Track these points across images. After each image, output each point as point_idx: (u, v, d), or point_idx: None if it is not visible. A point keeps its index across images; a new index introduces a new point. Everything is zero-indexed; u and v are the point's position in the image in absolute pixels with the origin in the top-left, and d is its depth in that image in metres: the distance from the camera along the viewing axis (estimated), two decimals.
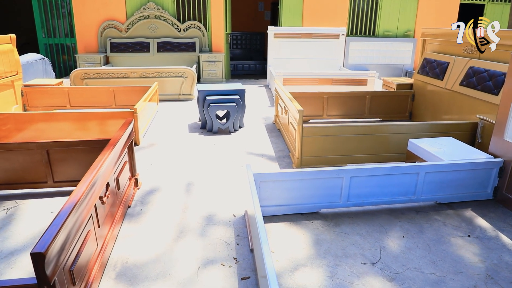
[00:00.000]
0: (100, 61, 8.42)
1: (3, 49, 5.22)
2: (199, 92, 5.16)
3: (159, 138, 4.91)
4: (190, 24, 8.92)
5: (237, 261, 2.50)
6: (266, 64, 9.36)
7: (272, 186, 2.91)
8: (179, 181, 3.69)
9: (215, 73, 8.87)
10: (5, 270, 2.40)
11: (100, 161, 2.42)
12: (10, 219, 2.97)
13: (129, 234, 2.80)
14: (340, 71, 8.02)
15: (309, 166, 3.97)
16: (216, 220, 3.00)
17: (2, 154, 3.26)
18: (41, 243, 1.62)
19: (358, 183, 3.06)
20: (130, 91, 5.88)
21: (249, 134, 5.16)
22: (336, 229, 2.90)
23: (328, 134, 3.98)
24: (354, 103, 5.70)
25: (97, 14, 8.75)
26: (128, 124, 3.22)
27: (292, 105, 4.09)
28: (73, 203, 1.92)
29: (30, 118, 4.51)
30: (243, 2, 12.53)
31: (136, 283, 2.30)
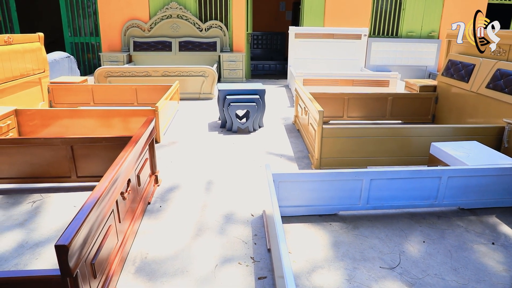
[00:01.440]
0: (123, 60, 8.59)
1: (31, 48, 5.39)
2: (220, 91, 5.19)
3: (179, 136, 4.97)
4: (212, 24, 8.99)
5: (254, 261, 2.51)
6: (287, 64, 9.34)
7: (291, 186, 2.90)
8: (198, 179, 3.72)
9: (235, 73, 8.91)
10: (30, 260, 2.48)
11: (122, 158, 2.47)
12: (35, 212, 3.07)
13: (148, 230, 2.85)
14: (361, 72, 7.92)
15: (328, 168, 3.94)
16: (234, 219, 3.02)
17: (28, 149, 3.37)
18: (65, 236, 1.67)
19: (378, 186, 3.02)
20: (152, 90, 5.97)
21: (268, 134, 5.16)
22: (355, 232, 2.87)
23: (348, 135, 3.94)
24: (375, 105, 5.62)
25: (121, 14, 8.93)
26: (149, 122, 3.27)
27: (312, 105, 4.06)
28: (96, 198, 1.96)
29: (56, 114, 4.64)
30: (264, 2, 12.54)
31: (155, 278, 2.34)
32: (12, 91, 4.98)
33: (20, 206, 3.17)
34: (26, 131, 4.54)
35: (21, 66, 5.12)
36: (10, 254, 2.54)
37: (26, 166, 3.41)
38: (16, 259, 2.49)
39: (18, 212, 3.06)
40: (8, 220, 2.95)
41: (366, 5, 9.23)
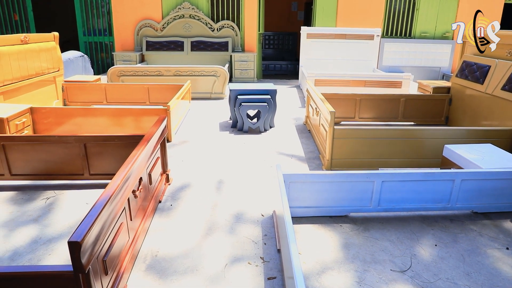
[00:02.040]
0: (136, 59, 8.67)
1: (46, 47, 5.48)
2: (231, 91, 5.20)
3: (190, 136, 5.00)
4: (224, 24, 9.01)
5: (264, 261, 2.51)
6: (298, 65, 9.31)
7: (301, 187, 2.90)
8: (209, 178, 3.74)
9: (247, 73, 8.92)
10: (43, 256, 2.52)
11: (134, 156, 2.49)
12: (49, 208, 3.12)
13: (159, 228, 2.87)
14: (373, 73, 7.86)
15: (339, 169, 3.92)
16: (245, 218, 3.02)
17: (43, 146, 3.43)
18: (78, 232, 1.69)
19: (390, 188, 2.99)
20: (164, 89, 6.02)
21: (279, 134, 5.15)
22: (366, 234, 2.85)
23: (360, 136, 3.91)
24: (387, 106, 5.57)
25: (134, 14, 9.02)
26: (161, 121, 3.30)
27: (324, 106, 4.04)
28: (108, 196, 1.99)
29: (70, 112, 4.71)
30: (276, 2, 12.52)
31: (165, 276, 2.35)
32: (27, 89, 5.07)
33: (34, 202, 3.22)
34: (41, 129, 4.62)
35: (36, 65, 5.21)
36: (24, 249, 2.58)
37: (40, 163, 3.47)
38: (30, 254, 2.54)
39: (32, 208, 3.12)
40: (22, 215, 3.00)
41: (379, 5, 9.15)
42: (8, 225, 2.86)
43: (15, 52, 4.75)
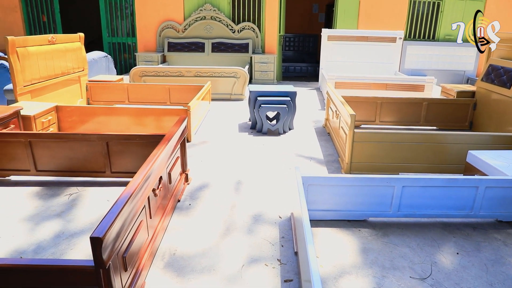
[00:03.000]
0: (157, 60, 8.81)
1: (72, 47, 5.63)
2: (251, 92, 5.22)
3: (210, 136, 5.04)
4: (244, 26, 9.06)
5: (281, 263, 2.50)
6: (318, 67, 9.26)
7: (320, 190, 2.88)
8: (227, 179, 3.76)
9: (266, 74, 8.93)
10: (65, 250, 2.59)
11: (155, 155, 2.53)
12: (71, 204, 3.20)
13: (178, 226, 2.90)
14: (395, 76, 7.74)
15: (359, 172, 3.87)
16: (262, 220, 3.02)
17: (67, 143, 3.53)
18: (100, 228, 1.73)
19: (411, 193, 2.93)
20: (185, 89, 6.09)
21: (298, 136, 5.13)
22: (385, 239, 2.80)
23: (380, 140, 3.86)
24: (409, 110, 5.47)
25: (157, 15, 9.16)
26: (182, 121, 3.34)
27: (344, 109, 4.01)
28: (130, 193, 2.02)
29: (93, 111, 4.83)
30: (297, 4, 12.50)
31: (183, 275, 2.38)
32: (53, 88, 5.22)
33: (58, 198, 3.31)
34: (65, 127, 4.75)
35: (62, 64, 5.36)
36: (48, 243, 2.66)
37: (64, 160, 3.56)
38: (53, 248, 2.61)
39: (56, 204, 3.21)
40: (47, 210, 3.09)
41: (402, 7, 9.01)
42: (33, 219, 2.96)
43: (43, 52, 4.90)
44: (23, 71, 4.51)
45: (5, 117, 3.78)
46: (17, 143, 3.52)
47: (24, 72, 4.54)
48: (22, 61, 4.48)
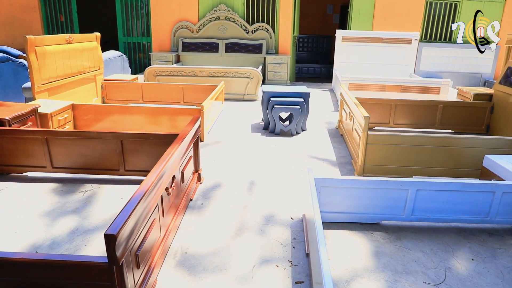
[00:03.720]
0: (171, 60, 8.88)
1: (89, 46, 5.72)
2: (264, 93, 5.22)
3: (222, 136, 5.06)
4: (258, 26, 9.06)
5: (292, 264, 2.50)
6: (332, 68, 9.22)
7: (332, 192, 2.86)
8: (240, 179, 3.77)
9: (280, 75, 8.92)
10: (80, 246, 2.63)
11: (168, 154, 2.55)
12: (86, 201, 3.25)
13: (190, 225, 2.92)
14: (410, 78, 7.64)
15: (372, 175, 3.84)
16: (274, 221, 3.02)
17: (82, 141, 3.58)
18: (114, 225, 1.75)
19: (425, 197, 2.89)
20: (198, 89, 6.12)
21: (311, 137, 5.11)
22: (397, 243, 2.77)
23: (394, 143, 3.82)
24: (424, 113, 5.40)
25: (172, 15, 9.24)
26: (195, 121, 3.36)
27: (358, 110, 3.98)
28: (143, 192, 2.04)
29: (108, 110, 4.89)
30: (311, 5, 12.45)
31: (194, 273, 2.39)
32: (70, 86, 5.31)
33: (73, 194, 3.37)
34: (81, 125, 4.82)
35: (79, 63, 5.44)
36: (63, 239, 2.70)
37: (79, 157, 3.62)
38: (68, 244, 2.65)
39: (71, 200, 3.26)
40: (62, 207, 3.15)
41: (418, 8, 8.89)
42: (49, 215, 3.01)
43: (60, 51, 4.99)
44: (41, 69, 4.60)
45: (23, 114, 3.86)
46: (34, 140, 3.59)
47: (42, 71, 4.63)
48: (40, 60, 4.57)
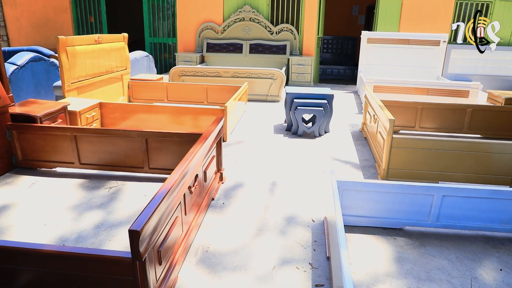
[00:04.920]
0: (196, 60, 8.99)
1: (117, 47, 5.87)
2: (287, 94, 5.21)
3: (245, 136, 5.08)
4: (283, 27, 9.05)
5: (313, 267, 2.48)
6: (356, 70, 9.09)
7: (355, 195, 2.82)
8: (261, 179, 3.77)
9: (303, 77, 8.88)
10: (104, 241, 2.70)
11: (192, 153, 2.59)
12: (111, 197, 3.33)
13: (211, 224, 2.95)
14: (438, 81, 7.45)
15: (396, 179, 3.76)
16: (295, 222, 3.01)
17: (109, 139, 3.68)
18: (138, 222, 1.79)
19: (451, 204, 2.81)
20: (222, 90, 6.17)
21: (334, 140, 5.06)
22: (421, 250, 2.70)
23: (420, 147, 3.73)
24: (451, 116, 5.25)
25: (197, 16, 9.35)
26: (219, 121, 3.38)
27: (383, 113, 3.91)
28: (167, 189, 2.08)
29: (133, 108, 5.00)
30: (337, 6, 12.33)
31: (214, 272, 2.41)
32: (98, 85, 5.46)
33: (99, 190, 3.46)
34: (108, 123, 4.95)
35: (107, 63, 5.59)
36: (88, 233, 2.78)
37: (106, 154, 3.72)
38: (93, 238, 2.73)
39: (97, 196, 3.35)
40: (88, 202, 3.24)
41: (447, 9, 8.66)
42: (76, 209, 3.11)
43: (90, 51, 5.14)
44: (71, 69, 4.75)
45: (53, 112, 4.00)
46: (63, 137, 3.72)
47: (72, 70, 4.78)
48: (70, 59, 4.72)
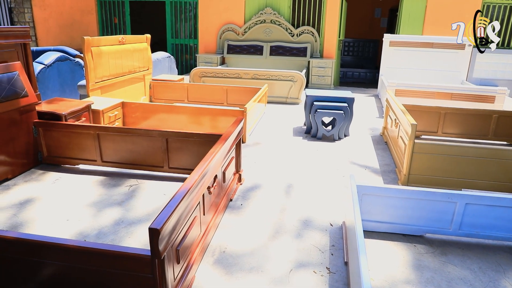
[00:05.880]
0: (217, 61, 9.06)
1: (139, 47, 5.97)
2: (307, 97, 5.19)
3: (264, 138, 5.08)
4: (304, 30, 9.02)
5: (330, 272, 2.46)
6: (378, 73, 8.98)
7: (375, 200, 2.78)
8: (280, 181, 3.77)
9: (323, 79, 8.83)
10: (124, 238, 2.74)
11: (212, 154, 2.61)
12: (131, 195, 3.39)
13: (229, 225, 2.96)
14: (462, 85, 7.26)
15: (417, 185, 3.69)
16: (313, 226, 2.99)
17: (130, 137, 3.74)
18: (158, 220, 1.81)
19: (475, 212, 2.74)
20: (242, 91, 6.20)
21: (354, 143, 5.01)
22: (442, 258, 2.64)
23: (443, 153, 3.64)
24: (476, 122, 5.11)
25: (219, 18, 9.43)
26: (239, 122, 3.40)
27: (405, 118, 3.85)
28: (187, 189, 2.10)
29: (155, 108, 5.08)
30: (358, 9, 12.19)
31: (231, 273, 2.42)
32: (120, 85, 5.57)
33: (119, 188, 3.53)
34: (129, 122, 5.04)
35: (130, 63, 5.70)
36: (108, 230, 2.84)
37: (127, 153, 3.79)
38: (113, 235, 2.78)
39: (117, 193, 3.42)
40: (109, 199, 3.31)
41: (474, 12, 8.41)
42: (97, 206, 3.18)
43: (113, 51, 5.25)
44: (95, 68, 4.87)
45: (78, 110, 4.10)
46: (87, 135, 3.81)
47: (96, 70, 4.90)
48: (95, 59, 4.84)
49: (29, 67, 3.85)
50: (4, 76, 3.41)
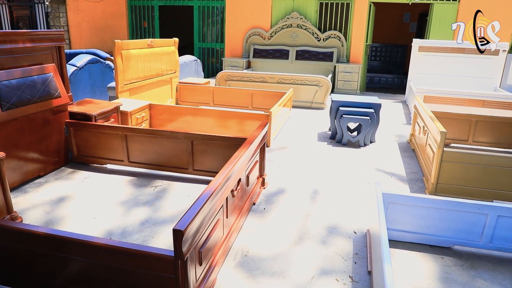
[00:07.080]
0: (242, 65, 9.12)
1: (167, 51, 6.09)
2: (333, 102, 5.14)
3: (288, 143, 5.06)
4: (330, 34, 8.96)
5: (353, 280, 2.41)
6: (405, 79, 8.79)
7: (401, 209, 2.72)
8: (303, 187, 3.74)
9: (350, 84, 8.72)
10: (148, 238, 2.79)
11: (236, 157, 2.62)
12: (156, 196, 3.45)
13: (251, 229, 2.96)
14: (495, 93, 7.00)
15: (445, 195, 3.57)
16: (336, 232, 2.95)
17: (157, 139, 3.82)
18: (182, 222, 1.84)
19: (507, 225, 2.62)
20: (267, 95, 6.21)
21: (379, 150, 4.91)
22: (471, 272, 2.55)
23: (473, 162, 3.52)
24: (509, 131, 4.91)
25: (245, 22, 9.49)
26: (263, 126, 3.40)
27: (433, 125, 3.75)
28: (211, 192, 2.12)
29: (181, 111, 5.16)
30: (387, 13, 11.98)
31: (252, 277, 2.42)
32: (148, 87, 5.70)
33: (145, 188, 3.60)
34: (156, 124, 5.14)
35: (157, 66, 5.82)
36: (133, 229, 2.90)
37: (153, 154, 3.86)
38: (137, 234, 2.84)
39: (143, 193, 3.48)
40: (135, 199, 3.38)
41: (508, 16, 8.13)
42: (123, 205, 3.25)
43: (142, 54, 5.38)
44: (125, 71, 5.00)
45: (107, 111, 4.22)
46: (115, 136, 3.91)
47: (126, 72, 5.02)
48: (125, 62, 4.97)
49: (63, 69, 3.99)
50: (39, 78, 3.56)
